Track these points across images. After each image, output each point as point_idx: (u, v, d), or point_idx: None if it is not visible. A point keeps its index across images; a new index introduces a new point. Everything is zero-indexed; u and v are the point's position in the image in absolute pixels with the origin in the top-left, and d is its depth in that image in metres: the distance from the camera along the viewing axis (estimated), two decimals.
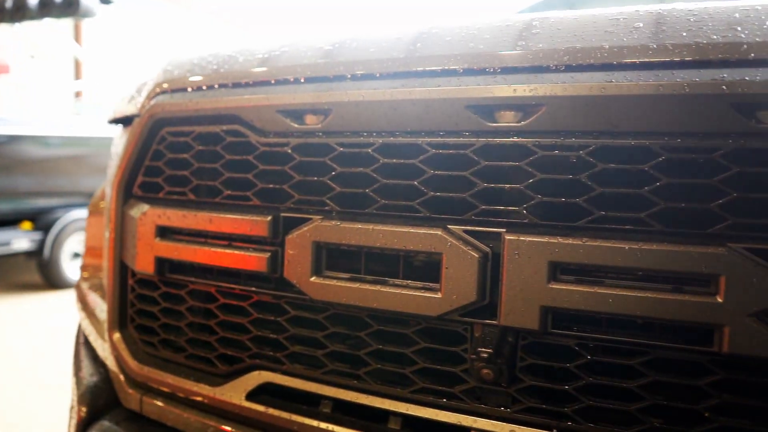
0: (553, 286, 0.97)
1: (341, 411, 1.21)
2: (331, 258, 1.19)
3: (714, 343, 0.90)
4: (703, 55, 0.92)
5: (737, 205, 0.91)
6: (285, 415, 1.22)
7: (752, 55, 0.90)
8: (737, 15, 0.96)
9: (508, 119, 1.03)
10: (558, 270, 0.98)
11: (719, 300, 0.88)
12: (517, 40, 1.06)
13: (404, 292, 1.08)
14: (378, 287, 1.10)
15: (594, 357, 0.99)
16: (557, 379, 1.02)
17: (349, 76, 1.17)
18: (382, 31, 1.23)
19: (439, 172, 1.08)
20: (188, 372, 1.39)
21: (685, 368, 0.95)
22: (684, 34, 0.96)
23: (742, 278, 0.87)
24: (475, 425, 1.07)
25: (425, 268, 1.10)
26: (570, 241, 0.96)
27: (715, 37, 0.93)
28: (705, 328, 0.90)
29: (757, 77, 0.88)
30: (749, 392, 0.92)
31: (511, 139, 1.03)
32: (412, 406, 1.12)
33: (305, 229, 1.17)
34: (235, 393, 1.29)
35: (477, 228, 1.04)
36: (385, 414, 1.16)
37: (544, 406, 1.03)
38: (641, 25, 1.01)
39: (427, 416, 1.11)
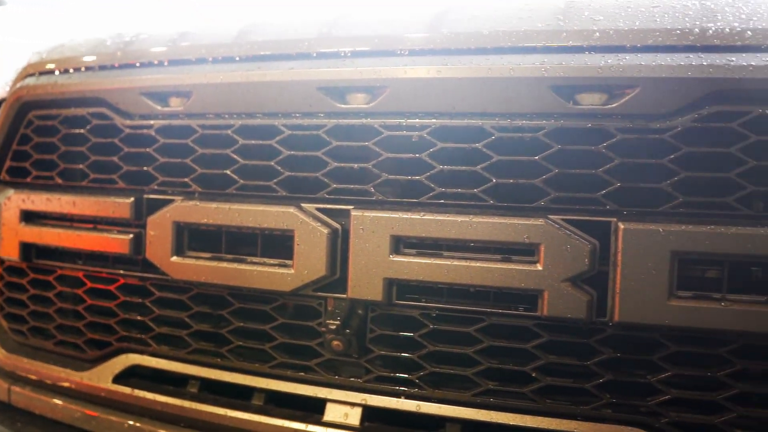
0: (395, 259, 1.02)
1: (209, 390, 1.23)
2: (198, 239, 1.20)
3: (537, 308, 0.97)
4: (528, 41, 1.00)
5: (558, 180, 0.98)
6: (150, 396, 1.22)
7: (570, 42, 0.98)
8: (561, 5, 1.04)
9: (357, 101, 1.08)
10: (401, 244, 1.03)
11: (539, 267, 0.95)
12: (368, 26, 1.10)
13: (260, 269, 1.11)
14: (235, 265, 1.13)
15: (436, 326, 1.05)
16: (405, 348, 1.08)
17: (210, 59, 1.19)
18: (245, 15, 1.25)
19: (295, 153, 1.11)
20: (57, 359, 1.37)
21: (515, 333, 1.02)
22: (514, 21, 1.03)
23: (558, 247, 0.94)
24: (330, 396, 1.11)
25: (282, 246, 1.13)
26: (410, 215, 1.01)
27: (539, 25, 1.01)
28: (529, 294, 0.97)
29: (572, 63, 0.96)
30: (570, 353, 0.99)
31: (360, 120, 1.07)
32: (273, 381, 1.15)
33: (165, 210, 1.18)
34: (102, 377, 1.29)
35: (328, 206, 1.08)
36: (251, 390, 1.18)
37: (392, 375, 1.08)
38: (477, 13, 1.07)
39: (287, 390, 1.14)
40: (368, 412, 1.09)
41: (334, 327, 1.04)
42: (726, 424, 0.94)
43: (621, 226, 0.93)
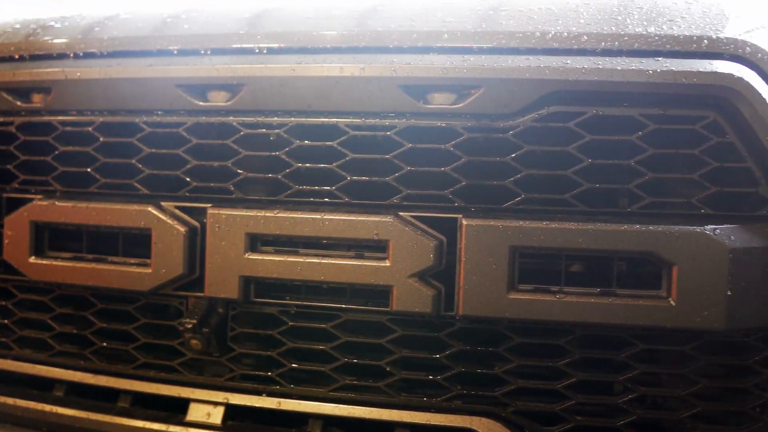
0: (250, 257, 1.02)
1: (79, 393, 1.20)
2: (61, 239, 1.17)
3: (388, 304, 0.98)
4: (380, 41, 1.01)
5: (409, 177, 1.00)
6: (11, 401, 1.18)
7: (420, 43, 1.00)
8: (417, 7, 1.06)
9: (218, 99, 1.07)
10: (258, 242, 1.03)
11: (388, 264, 0.97)
12: (226, 23, 1.10)
13: (120, 268, 1.09)
14: (95, 265, 1.11)
15: (295, 323, 1.06)
16: (265, 346, 1.08)
17: (71, 54, 1.16)
18: (107, 10, 1.23)
19: (156, 151, 1.10)
20: None
21: (372, 328, 1.03)
22: (368, 22, 1.04)
23: (405, 243, 0.96)
24: (193, 396, 1.10)
25: (143, 245, 1.11)
26: (265, 213, 1.01)
27: (392, 25, 1.03)
28: (380, 289, 0.99)
29: (420, 63, 0.98)
30: (423, 347, 1.02)
31: (220, 119, 1.07)
32: (137, 382, 1.14)
33: (23, 209, 1.15)
34: None
35: (187, 204, 1.07)
36: (116, 392, 1.16)
37: (254, 373, 1.08)
38: (340, 13, 1.08)
39: (150, 391, 1.13)
40: (232, 410, 1.09)
41: (190, 326, 1.03)
42: (567, 411, 0.98)
43: (464, 222, 0.95)
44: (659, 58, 0.95)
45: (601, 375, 0.98)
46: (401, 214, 0.99)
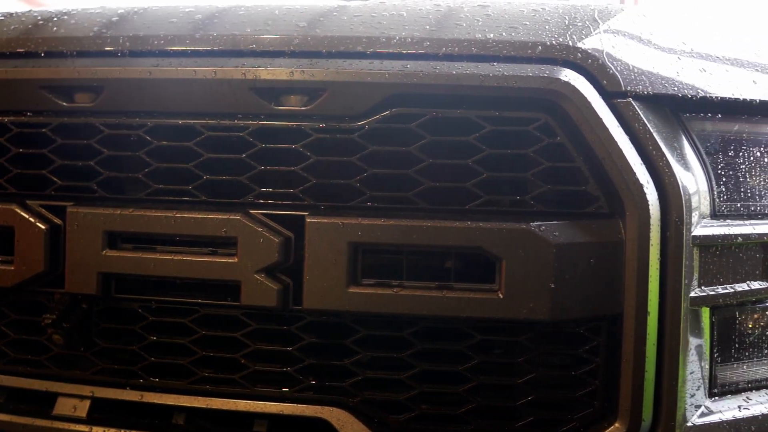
0: (108, 254, 1.05)
1: None
2: None
3: (239, 298, 1.02)
4: (233, 44, 1.05)
5: (262, 176, 1.04)
6: None
7: (271, 47, 1.04)
8: (276, 12, 1.10)
9: (83, 100, 1.10)
10: (117, 239, 1.06)
11: (236, 260, 1.01)
12: (90, 26, 1.13)
13: None
14: None
15: (155, 318, 1.09)
16: (129, 341, 1.11)
17: None
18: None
19: (23, 150, 1.12)
20: None
21: (229, 323, 1.07)
22: (225, 26, 1.08)
23: (252, 240, 1.00)
24: (61, 390, 1.12)
25: (10, 243, 1.13)
26: (121, 212, 1.04)
27: (248, 29, 1.06)
28: (231, 285, 1.02)
29: (269, 66, 1.02)
30: (276, 340, 1.06)
31: (83, 119, 1.09)
32: (7, 377, 1.16)
33: None
34: None
35: (50, 203, 1.10)
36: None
37: (118, 367, 1.11)
38: (201, 17, 1.12)
39: (21, 386, 1.15)
40: (99, 404, 1.12)
41: (50, 321, 1.06)
42: (411, 400, 1.03)
43: (308, 219, 0.99)
44: (494, 63, 1.00)
45: (443, 365, 1.03)
46: (252, 212, 1.02)
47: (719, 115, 1.12)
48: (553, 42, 1.01)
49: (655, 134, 1.01)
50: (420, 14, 1.08)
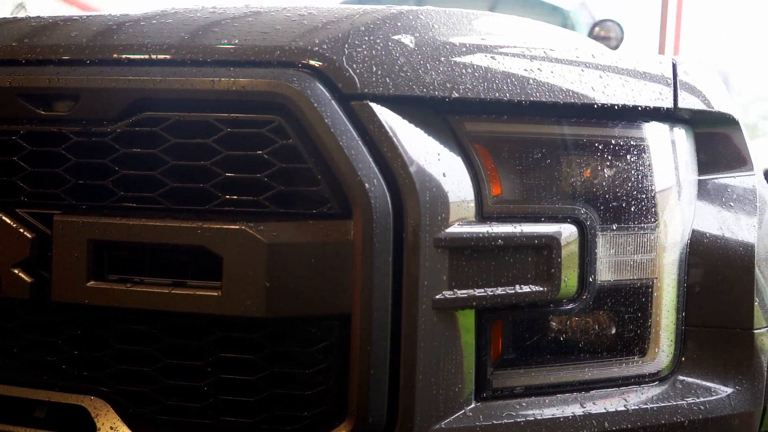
0: None
1: None
2: None
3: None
4: (10, 55, 1.12)
5: (34, 176, 1.11)
6: None
7: (42, 56, 1.11)
8: (59, 23, 1.17)
9: None
10: None
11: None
12: None
13: None
14: None
15: None
16: None
17: None
18: None
19: None
20: None
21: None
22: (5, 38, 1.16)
23: (9, 236, 1.07)
24: None
25: None
26: None
27: (26, 40, 1.14)
28: None
29: (34, 74, 1.09)
30: (37, 332, 1.12)
31: None
32: None
33: None
34: None
35: None
36: None
37: None
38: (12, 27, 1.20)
39: None
40: None
41: None
42: (158, 392, 1.07)
43: (55, 218, 1.05)
44: (231, 68, 1.03)
45: (186, 360, 1.06)
46: (18, 211, 1.09)
47: (494, 116, 1.12)
48: (292, 46, 1.04)
49: (393, 135, 1.01)
50: (186, 21, 1.12)
